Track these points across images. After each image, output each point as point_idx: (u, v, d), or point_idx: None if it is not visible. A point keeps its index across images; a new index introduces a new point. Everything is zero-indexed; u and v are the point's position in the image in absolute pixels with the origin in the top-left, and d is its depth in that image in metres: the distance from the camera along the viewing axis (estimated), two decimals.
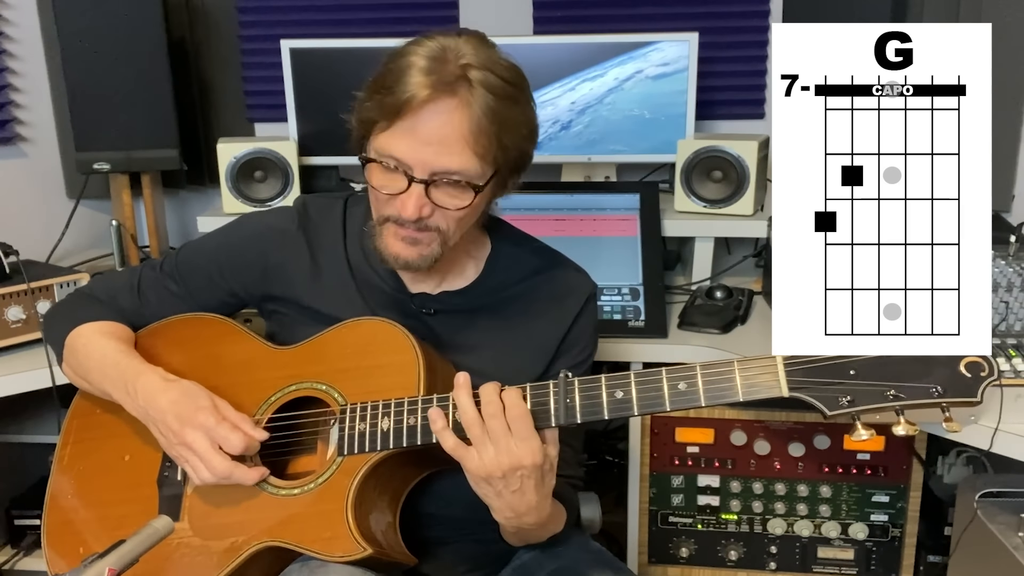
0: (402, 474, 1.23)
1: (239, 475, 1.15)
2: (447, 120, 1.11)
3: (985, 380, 1.01)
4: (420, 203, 1.14)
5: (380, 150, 1.15)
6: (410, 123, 1.11)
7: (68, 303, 1.42)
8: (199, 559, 1.19)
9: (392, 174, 1.15)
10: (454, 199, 1.15)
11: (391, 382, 1.18)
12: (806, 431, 1.72)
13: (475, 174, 1.14)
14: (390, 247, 1.19)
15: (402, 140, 1.12)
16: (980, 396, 1.01)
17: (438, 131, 1.11)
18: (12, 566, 2.12)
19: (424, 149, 1.12)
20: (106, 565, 0.91)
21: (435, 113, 1.11)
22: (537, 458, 1.07)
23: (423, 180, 1.13)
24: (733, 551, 1.80)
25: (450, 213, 1.16)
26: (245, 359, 1.29)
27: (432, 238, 1.18)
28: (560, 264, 1.36)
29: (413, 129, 1.11)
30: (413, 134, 1.12)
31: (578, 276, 1.36)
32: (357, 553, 1.11)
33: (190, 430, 1.15)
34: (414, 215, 1.14)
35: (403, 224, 1.17)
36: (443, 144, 1.12)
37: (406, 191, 1.14)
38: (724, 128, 2.38)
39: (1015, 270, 1.55)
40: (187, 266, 1.37)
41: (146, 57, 2.16)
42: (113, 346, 1.29)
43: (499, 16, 2.38)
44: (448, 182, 1.14)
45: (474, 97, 1.11)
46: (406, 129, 1.12)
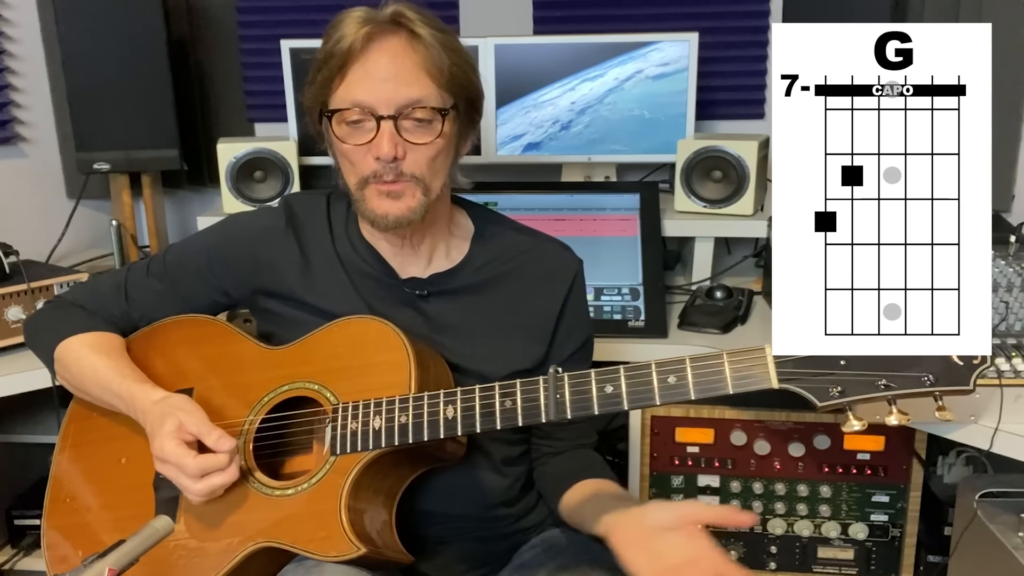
0: (396, 473, 1.23)
1: (217, 483, 1.15)
2: (397, 54, 1.15)
3: (977, 368, 1.00)
4: (393, 140, 1.16)
5: (340, 103, 1.17)
6: (360, 66, 1.15)
7: (50, 314, 1.39)
8: (195, 561, 1.19)
9: (358, 127, 1.17)
10: (424, 132, 1.17)
11: (383, 381, 1.18)
12: (806, 431, 1.72)
13: (436, 101, 1.17)
14: (377, 208, 1.20)
15: (359, 85, 1.16)
16: (972, 384, 1.00)
17: (391, 65, 1.15)
18: (12, 566, 2.12)
19: (383, 85, 1.15)
20: (106, 565, 0.91)
21: (382, 51, 1.15)
22: None
23: (390, 116, 1.15)
24: (733, 551, 1.80)
25: (422, 151, 1.18)
26: (238, 360, 1.29)
27: (413, 189, 1.19)
28: (544, 240, 1.37)
29: (365, 71, 1.15)
30: (367, 75, 1.15)
31: (564, 252, 1.37)
32: (351, 552, 1.11)
33: (159, 462, 1.16)
34: (390, 152, 1.15)
35: (381, 176, 1.18)
36: (399, 76, 1.15)
37: (376, 134, 1.16)
38: (724, 128, 2.38)
39: (1015, 270, 1.55)
40: (176, 266, 1.36)
41: (146, 57, 2.16)
42: (104, 363, 1.27)
43: (499, 16, 2.38)
44: (414, 118, 1.16)
45: (417, 31, 1.16)
46: (359, 75, 1.15)
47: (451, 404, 1.14)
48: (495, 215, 1.39)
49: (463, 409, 1.13)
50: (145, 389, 1.23)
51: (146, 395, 1.22)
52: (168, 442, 1.14)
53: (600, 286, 1.91)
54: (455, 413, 1.13)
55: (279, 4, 2.43)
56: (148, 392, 1.23)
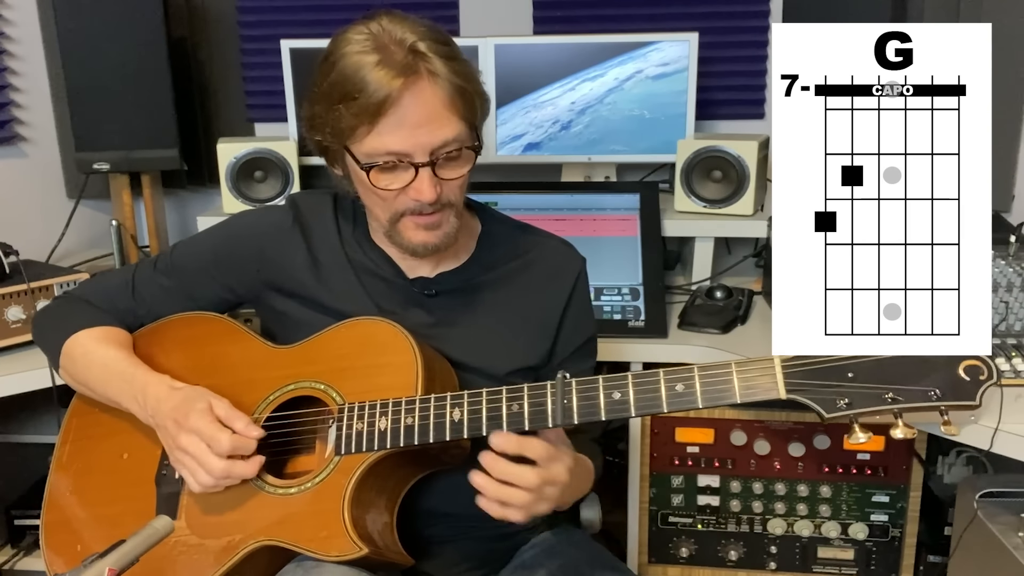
0: (400, 474, 1.23)
1: (238, 471, 1.15)
2: (426, 99, 1.14)
3: (984, 384, 1.00)
4: (433, 183, 1.16)
5: (372, 152, 1.15)
6: (395, 117, 1.13)
7: (58, 308, 1.40)
8: (196, 557, 1.19)
9: (392, 171, 1.16)
10: (457, 168, 1.19)
11: (389, 382, 1.18)
12: (806, 431, 1.72)
13: (466, 136, 1.18)
14: (414, 239, 1.22)
15: (394, 134, 1.14)
16: (979, 400, 1.00)
17: (422, 112, 1.14)
18: (12, 566, 2.12)
19: (418, 133, 1.14)
20: (106, 565, 0.91)
21: (413, 98, 1.13)
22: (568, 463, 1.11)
23: (428, 162, 1.15)
24: (733, 551, 1.80)
25: (455, 184, 1.20)
26: (244, 358, 1.29)
27: (447, 215, 1.21)
28: (548, 239, 1.38)
29: (400, 121, 1.13)
30: (401, 125, 1.14)
31: (568, 250, 1.38)
32: (353, 553, 1.11)
33: (184, 434, 1.16)
34: (432, 196, 1.16)
35: (421, 212, 1.19)
36: (431, 121, 1.14)
37: (415, 179, 1.16)
38: (724, 128, 2.38)
39: (1015, 270, 1.55)
40: (183, 263, 1.36)
41: (146, 57, 2.16)
42: (114, 354, 1.28)
43: (499, 16, 2.38)
44: (448, 156, 1.16)
45: (434, 68, 1.14)
46: (393, 124, 1.13)
47: (457, 407, 1.14)
48: (500, 215, 1.40)
49: (469, 412, 1.13)
50: (161, 377, 1.24)
51: (161, 381, 1.23)
52: (201, 418, 1.15)
53: (600, 286, 1.91)
54: (461, 416, 1.13)
55: (279, 4, 2.42)
56: (164, 379, 1.23)
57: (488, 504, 1.09)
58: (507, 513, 1.09)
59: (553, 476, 1.10)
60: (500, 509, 1.09)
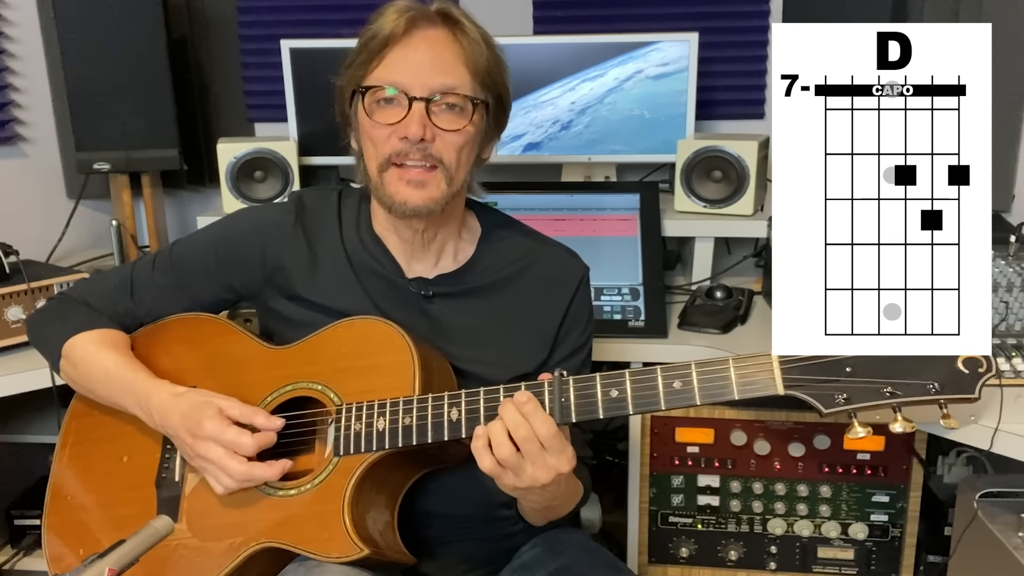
0: (399, 474, 1.23)
1: (259, 474, 1.15)
2: (438, 43, 1.17)
3: (983, 376, 1.00)
4: (423, 122, 1.16)
5: (374, 81, 1.18)
6: (401, 50, 1.17)
7: (54, 310, 1.39)
8: (197, 560, 1.19)
9: (388, 106, 1.18)
10: (455, 119, 1.18)
11: (387, 382, 1.18)
12: (806, 431, 1.72)
13: (470, 90, 1.18)
14: (397, 194, 1.20)
15: (396, 66, 1.17)
16: (978, 393, 1.00)
17: (430, 51, 1.17)
18: (12, 566, 2.12)
19: (421, 67, 1.16)
20: (106, 565, 0.91)
21: (424, 38, 1.17)
22: (572, 462, 1.09)
23: (423, 98, 1.16)
24: (733, 551, 1.80)
25: (451, 138, 1.18)
26: (241, 359, 1.29)
27: (437, 177, 1.19)
28: (551, 246, 1.37)
29: (404, 54, 1.17)
30: (405, 58, 1.17)
31: (570, 259, 1.37)
32: (354, 553, 1.11)
33: (200, 442, 1.15)
34: (418, 133, 1.15)
35: (406, 161, 1.18)
36: (436, 63, 1.17)
37: (407, 114, 1.16)
38: (724, 128, 2.38)
39: (1015, 270, 1.55)
40: (182, 262, 1.35)
41: (146, 57, 2.16)
42: (113, 360, 1.27)
43: (499, 16, 2.37)
44: (446, 105, 1.17)
45: (459, 27, 1.18)
46: (398, 56, 1.17)
47: (455, 406, 1.14)
48: (503, 217, 1.39)
49: (467, 411, 1.13)
50: (161, 383, 1.23)
51: (162, 388, 1.22)
52: (218, 424, 1.15)
53: (600, 286, 1.91)
54: (459, 415, 1.13)
55: (279, 4, 2.42)
56: (164, 386, 1.23)
57: None
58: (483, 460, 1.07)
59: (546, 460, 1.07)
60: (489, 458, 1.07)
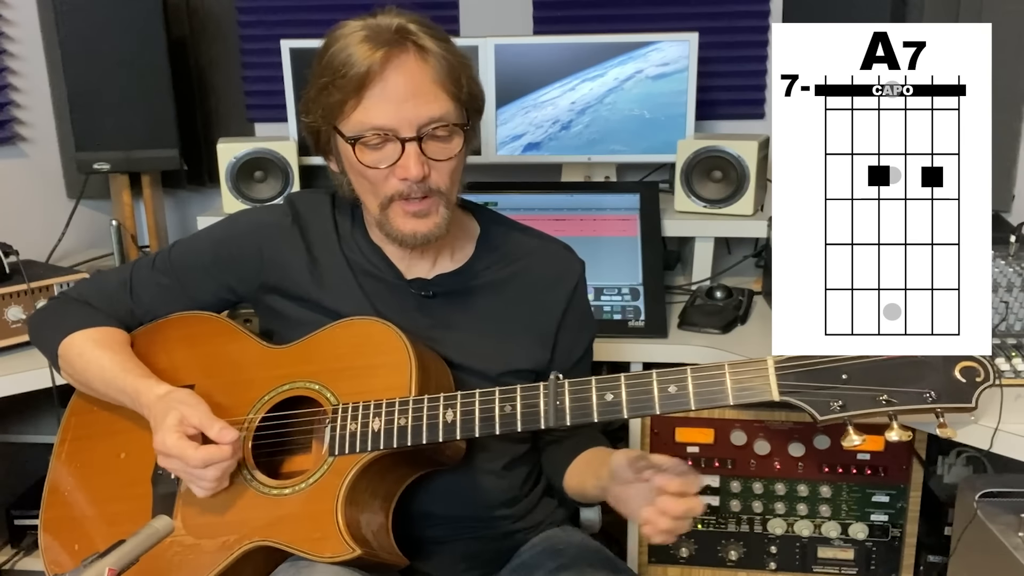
0: (395, 475, 1.23)
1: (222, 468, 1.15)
2: (412, 73, 1.14)
3: (980, 386, 1.00)
4: (420, 161, 1.15)
5: (359, 127, 1.16)
6: (379, 88, 1.14)
7: (55, 309, 1.39)
8: (191, 557, 1.19)
9: (379, 149, 1.16)
10: (446, 147, 1.18)
11: (384, 382, 1.18)
12: (806, 431, 1.72)
13: (456, 116, 1.17)
14: (403, 227, 1.20)
15: (378, 107, 1.14)
16: (975, 402, 1.00)
17: (408, 85, 1.14)
18: (12, 566, 2.12)
19: (403, 106, 1.14)
20: (106, 565, 0.91)
21: (398, 70, 1.14)
22: None
23: (414, 137, 1.15)
24: (733, 551, 1.80)
25: (444, 166, 1.18)
26: (239, 358, 1.29)
27: (437, 204, 1.20)
28: (548, 242, 1.38)
29: (384, 92, 1.14)
30: (385, 97, 1.14)
31: (568, 255, 1.38)
32: (346, 553, 1.11)
33: (163, 456, 1.16)
34: (419, 173, 1.15)
35: (408, 195, 1.18)
36: (418, 95, 1.14)
37: (402, 155, 1.15)
38: (724, 128, 2.38)
39: (1015, 270, 1.55)
40: (181, 262, 1.36)
41: (146, 57, 2.16)
42: (109, 359, 1.28)
43: (499, 16, 2.38)
44: (435, 134, 1.16)
45: (425, 45, 1.15)
46: (377, 96, 1.14)
47: (451, 408, 1.14)
48: (499, 216, 1.39)
49: (462, 413, 1.13)
50: (149, 384, 1.24)
51: (150, 390, 1.22)
52: (170, 435, 1.14)
53: (600, 286, 1.91)
54: (454, 417, 1.13)
55: (279, 4, 2.42)
56: (152, 387, 1.23)
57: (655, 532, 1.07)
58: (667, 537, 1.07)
59: None
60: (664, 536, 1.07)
